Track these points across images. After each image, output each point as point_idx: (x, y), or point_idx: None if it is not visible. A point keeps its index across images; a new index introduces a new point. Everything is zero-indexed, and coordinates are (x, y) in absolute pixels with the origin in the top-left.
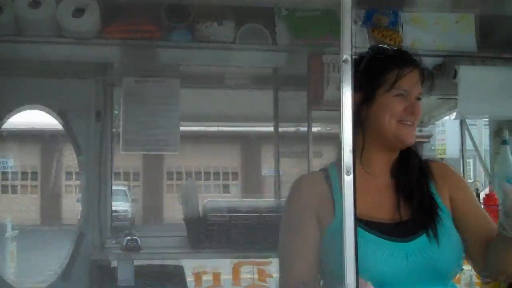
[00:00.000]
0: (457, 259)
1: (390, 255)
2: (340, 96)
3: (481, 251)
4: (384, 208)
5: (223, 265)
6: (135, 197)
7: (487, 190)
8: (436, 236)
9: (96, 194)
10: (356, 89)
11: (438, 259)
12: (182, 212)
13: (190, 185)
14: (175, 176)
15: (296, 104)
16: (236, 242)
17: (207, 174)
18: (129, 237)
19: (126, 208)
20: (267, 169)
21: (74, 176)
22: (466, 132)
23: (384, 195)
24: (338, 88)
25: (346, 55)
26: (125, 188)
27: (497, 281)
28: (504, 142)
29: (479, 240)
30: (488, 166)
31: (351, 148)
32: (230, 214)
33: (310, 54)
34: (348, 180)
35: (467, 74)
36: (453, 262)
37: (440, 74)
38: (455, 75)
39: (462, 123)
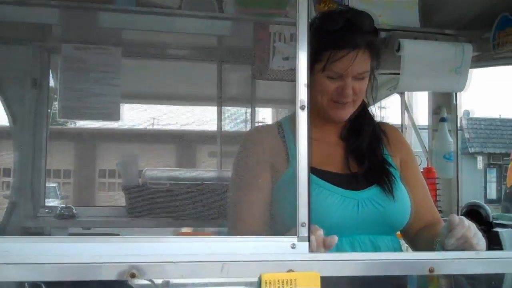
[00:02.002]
0: (406, 211)
1: (341, 201)
2: (287, 64)
3: (413, 225)
4: (335, 162)
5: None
6: (65, 194)
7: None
8: (390, 189)
9: (30, 163)
10: None
11: (389, 208)
12: (121, 180)
13: (130, 152)
14: (107, 174)
15: (240, 76)
16: (176, 210)
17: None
18: (63, 205)
19: (56, 205)
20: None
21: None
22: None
23: (335, 152)
24: (284, 58)
25: None
26: (55, 185)
27: None
28: (443, 120)
29: (415, 215)
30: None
31: (306, 82)
32: (170, 182)
33: (256, 24)
34: (302, 115)
35: (410, 47)
36: (403, 213)
37: (384, 48)
38: (398, 48)
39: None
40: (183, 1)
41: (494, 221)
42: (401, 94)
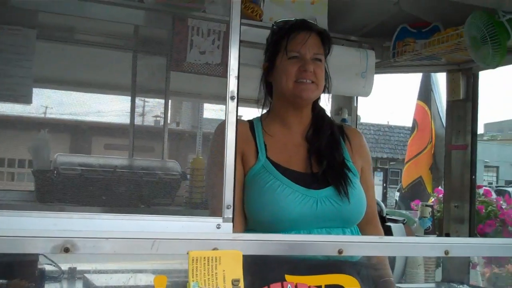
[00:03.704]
0: (360, 211)
1: (302, 199)
2: (203, 58)
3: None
4: (299, 162)
5: None
6: None
7: None
8: (345, 192)
9: None
10: (264, 59)
11: (344, 208)
12: (32, 163)
13: (42, 137)
14: (6, 163)
15: (155, 67)
16: (88, 196)
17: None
18: None
19: None
20: None
21: None
22: None
23: (299, 151)
24: (201, 52)
25: None
26: None
27: None
28: (343, 121)
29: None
30: None
31: (236, 74)
32: (82, 168)
33: (175, 16)
34: (232, 104)
35: None
36: (357, 213)
37: None
38: None
39: None
40: None
41: (387, 217)
42: None
